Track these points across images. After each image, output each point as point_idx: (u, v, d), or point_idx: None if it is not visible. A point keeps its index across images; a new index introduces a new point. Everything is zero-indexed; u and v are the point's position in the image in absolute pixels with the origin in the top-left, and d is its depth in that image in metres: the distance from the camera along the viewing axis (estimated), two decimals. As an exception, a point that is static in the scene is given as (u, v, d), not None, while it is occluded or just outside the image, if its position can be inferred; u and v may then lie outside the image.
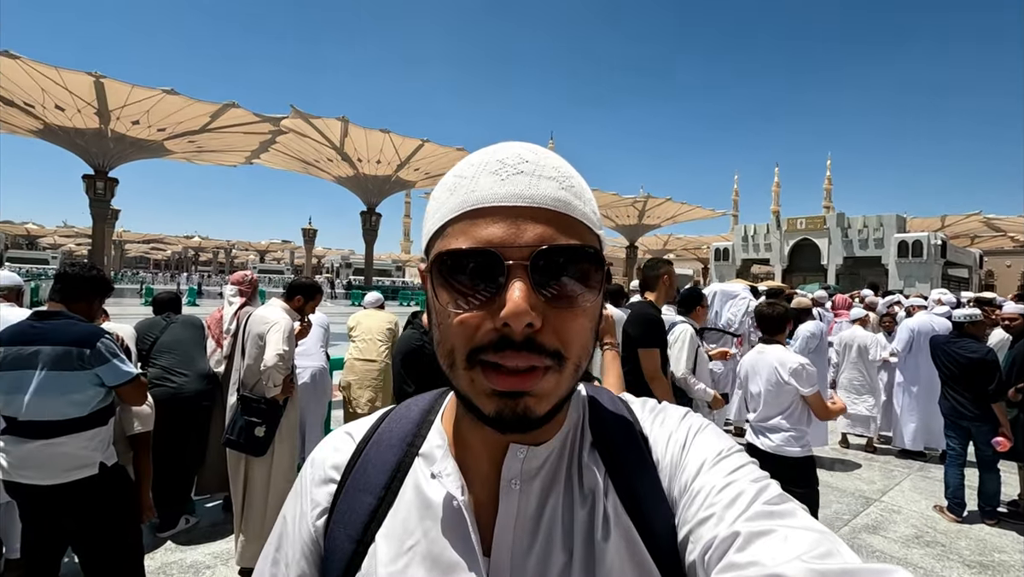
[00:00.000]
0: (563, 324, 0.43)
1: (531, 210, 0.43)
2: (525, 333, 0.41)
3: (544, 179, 0.45)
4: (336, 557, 0.52)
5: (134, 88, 24.15)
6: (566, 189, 0.45)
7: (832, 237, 32.97)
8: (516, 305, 0.40)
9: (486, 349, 0.42)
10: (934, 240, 29.38)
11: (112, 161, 27.91)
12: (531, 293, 0.41)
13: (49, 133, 26.22)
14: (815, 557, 0.36)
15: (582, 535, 0.48)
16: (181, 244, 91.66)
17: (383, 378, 4.61)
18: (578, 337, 0.44)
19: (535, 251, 0.42)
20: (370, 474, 0.54)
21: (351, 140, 32.16)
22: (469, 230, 0.44)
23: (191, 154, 32.88)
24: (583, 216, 0.46)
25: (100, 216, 28.50)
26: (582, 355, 0.45)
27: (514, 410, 0.43)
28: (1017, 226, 48.04)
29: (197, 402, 3.49)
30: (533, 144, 0.49)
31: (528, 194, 0.43)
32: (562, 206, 0.44)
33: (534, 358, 0.42)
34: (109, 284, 2.43)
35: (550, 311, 0.42)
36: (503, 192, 0.43)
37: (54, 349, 2.06)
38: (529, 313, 0.40)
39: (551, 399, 0.44)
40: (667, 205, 44.63)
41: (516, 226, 0.43)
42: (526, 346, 0.41)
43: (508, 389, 0.42)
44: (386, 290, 35.06)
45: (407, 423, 0.58)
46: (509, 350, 0.41)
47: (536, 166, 0.45)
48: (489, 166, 0.45)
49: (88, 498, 2.14)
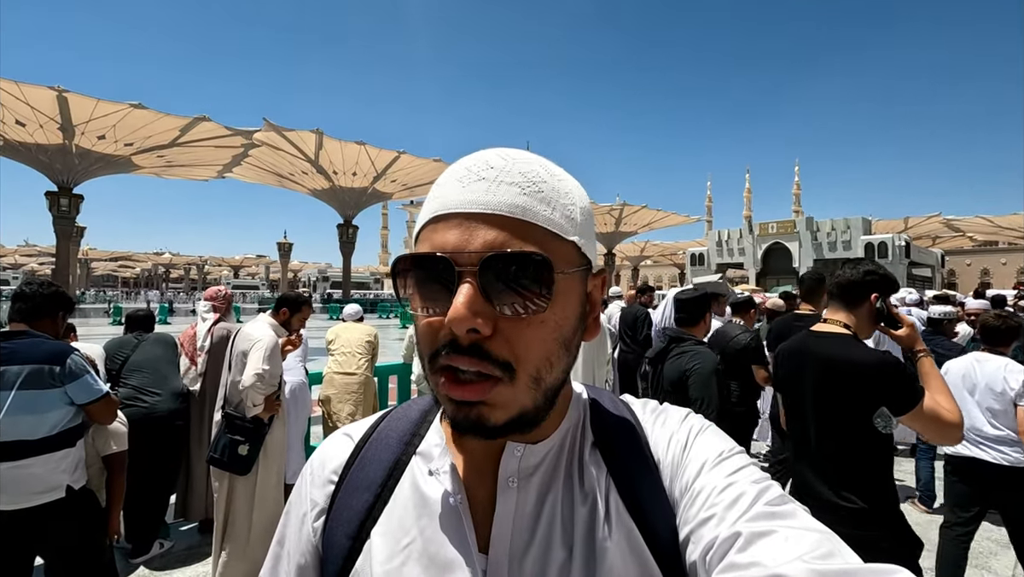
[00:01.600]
0: (516, 333, 0.42)
1: (486, 216, 0.43)
2: (471, 339, 0.41)
3: (504, 184, 0.44)
4: (333, 555, 0.52)
5: (99, 103, 23.57)
6: (530, 195, 0.44)
7: (802, 240, 33.93)
8: (456, 311, 0.40)
9: (441, 352, 0.43)
10: (898, 241, 30.51)
11: (77, 177, 27.10)
12: (477, 299, 0.41)
13: (9, 149, 25.35)
14: (816, 557, 0.36)
15: (583, 533, 0.48)
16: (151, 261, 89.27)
17: (363, 391, 4.56)
18: (533, 347, 0.43)
19: (483, 257, 0.41)
20: (368, 472, 0.54)
21: (326, 152, 31.91)
22: (431, 236, 0.45)
23: (160, 169, 32.14)
24: (547, 222, 0.45)
25: (64, 234, 27.58)
26: (541, 367, 0.44)
27: (467, 416, 0.43)
28: (975, 226, 50.21)
29: (170, 421, 3.41)
30: (517, 151, 0.48)
31: (483, 200, 0.43)
32: (519, 212, 0.43)
33: (481, 364, 0.42)
34: (70, 299, 2.38)
35: (502, 320, 0.42)
36: (461, 199, 0.44)
37: (22, 368, 2.01)
38: (470, 319, 0.40)
39: (507, 410, 0.44)
40: (643, 212, 45.38)
41: (469, 232, 0.43)
42: (472, 352, 0.42)
43: (460, 398, 0.43)
44: (365, 303, 34.66)
45: (406, 422, 0.58)
46: (455, 353, 0.42)
47: (500, 172, 0.45)
48: (456, 173, 0.46)
49: (55, 523, 2.07)
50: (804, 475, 1.99)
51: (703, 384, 2.58)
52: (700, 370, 2.61)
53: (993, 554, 3.53)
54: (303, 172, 34.10)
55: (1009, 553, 3.54)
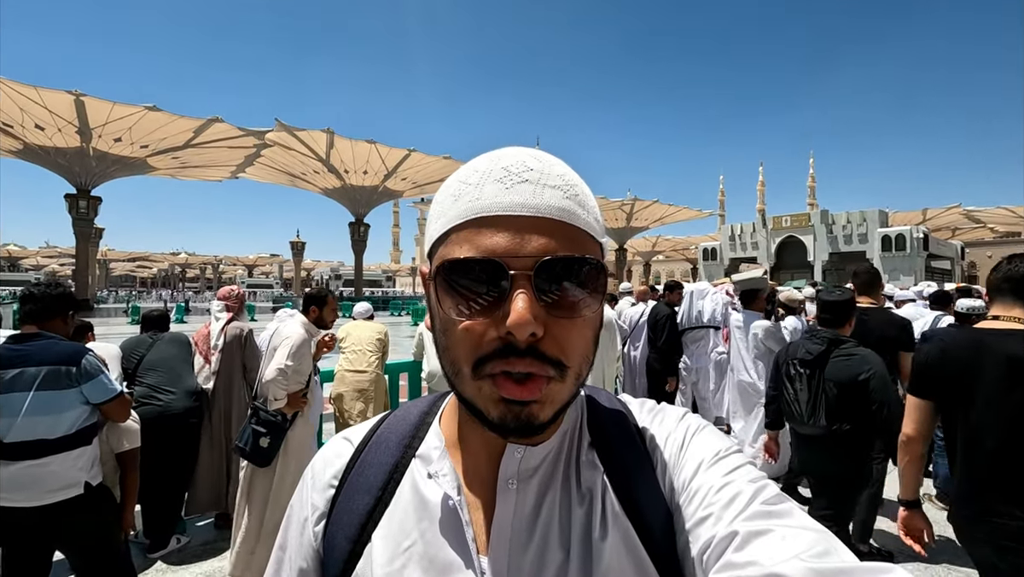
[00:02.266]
0: (564, 333, 0.43)
1: (535, 220, 0.43)
2: (528, 342, 0.42)
3: (548, 188, 0.45)
4: (334, 558, 0.52)
5: (115, 106, 24.00)
6: (570, 198, 0.45)
7: (817, 234, 33.44)
8: (520, 315, 0.40)
9: (491, 358, 0.43)
10: (916, 233, 29.91)
11: (95, 179, 27.65)
12: (534, 303, 0.41)
13: (29, 153, 25.94)
14: (813, 556, 0.37)
15: (580, 534, 0.48)
16: (167, 261, 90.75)
17: (374, 389, 4.60)
18: (579, 346, 0.45)
19: (539, 261, 0.42)
20: (367, 476, 0.55)
21: (337, 152, 32.14)
22: (474, 238, 0.44)
23: (175, 170, 32.67)
24: (586, 225, 0.46)
25: (83, 235, 28.19)
26: (583, 363, 0.46)
27: (518, 416, 0.44)
28: (996, 217, 49.06)
29: (185, 419, 3.46)
30: (537, 150, 0.49)
31: (533, 204, 0.44)
32: (566, 216, 0.44)
33: (536, 365, 0.42)
34: (75, 298, 2.44)
35: (551, 320, 0.43)
36: (507, 201, 0.44)
37: (39, 369, 2.06)
38: (532, 323, 0.41)
39: (554, 406, 0.45)
40: (655, 207, 45.05)
41: (520, 236, 0.43)
42: (529, 353, 0.42)
43: (517, 398, 0.43)
44: (376, 300, 34.91)
45: (405, 425, 0.58)
46: (513, 356, 0.42)
47: (541, 174, 0.45)
48: (494, 173, 0.45)
49: (73, 519, 2.12)
50: (971, 485, 1.78)
51: (885, 386, 2.59)
52: (880, 373, 2.61)
53: (1013, 552, 3.45)
54: (315, 171, 34.41)
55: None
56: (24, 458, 2.02)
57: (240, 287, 4.10)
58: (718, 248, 38.83)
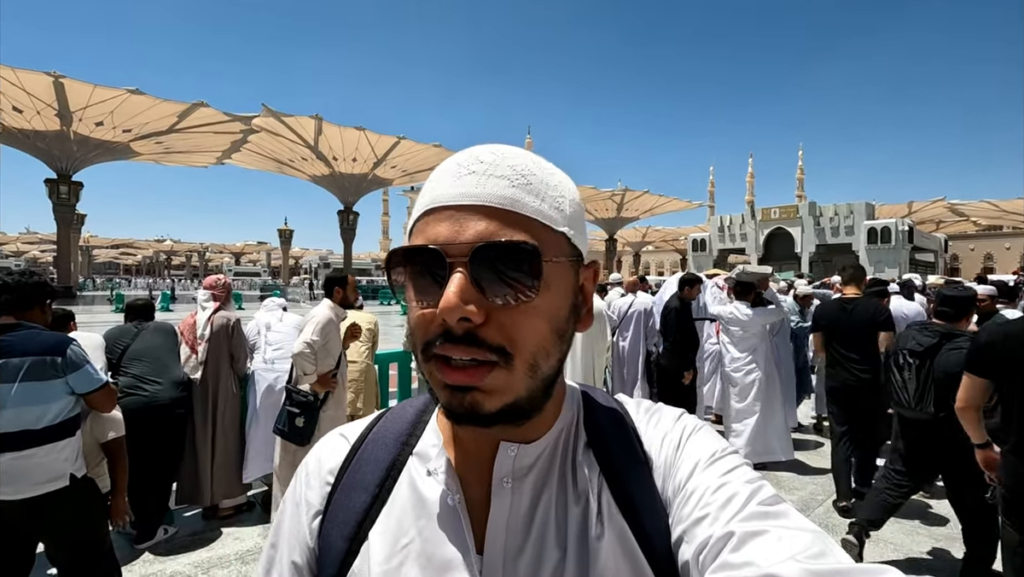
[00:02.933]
0: (509, 321, 0.43)
1: (476, 208, 0.44)
2: (464, 327, 0.42)
3: (494, 178, 0.45)
4: (330, 557, 0.52)
5: (96, 88, 23.39)
6: (519, 187, 0.46)
7: (805, 225, 33.77)
8: (448, 300, 0.41)
9: (434, 342, 0.44)
10: (901, 226, 30.32)
11: (76, 164, 27.02)
12: (468, 288, 0.42)
13: (8, 136, 25.24)
14: (809, 557, 0.37)
15: (576, 534, 0.48)
16: (152, 248, 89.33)
17: (363, 379, 4.57)
18: (527, 335, 0.44)
19: (474, 247, 0.42)
20: (364, 473, 0.54)
21: (326, 138, 31.69)
22: (424, 229, 0.46)
23: (159, 155, 32.01)
24: (536, 213, 0.46)
25: (65, 221, 27.60)
26: (537, 354, 0.45)
27: (462, 403, 0.44)
28: (979, 211, 49.87)
29: (171, 410, 3.42)
30: (506, 146, 0.49)
31: (474, 192, 0.44)
32: (507, 203, 0.45)
33: (475, 352, 0.42)
34: (52, 287, 2.40)
35: (495, 308, 0.43)
36: (452, 192, 0.45)
37: (23, 360, 2.02)
38: (461, 308, 0.41)
39: (502, 396, 0.44)
40: (645, 198, 45.11)
41: (459, 224, 0.44)
42: (466, 340, 0.42)
43: (454, 383, 0.43)
44: (366, 289, 34.66)
45: (402, 423, 0.58)
46: (448, 343, 0.43)
47: (490, 166, 0.46)
48: (448, 169, 0.47)
49: (58, 511, 2.09)
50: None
51: None
52: None
53: (990, 539, 3.55)
54: (303, 158, 33.92)
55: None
56: (9, 449, 1.99)
57: (225, 276, 4.04)
58: (707, 239, 39.07)
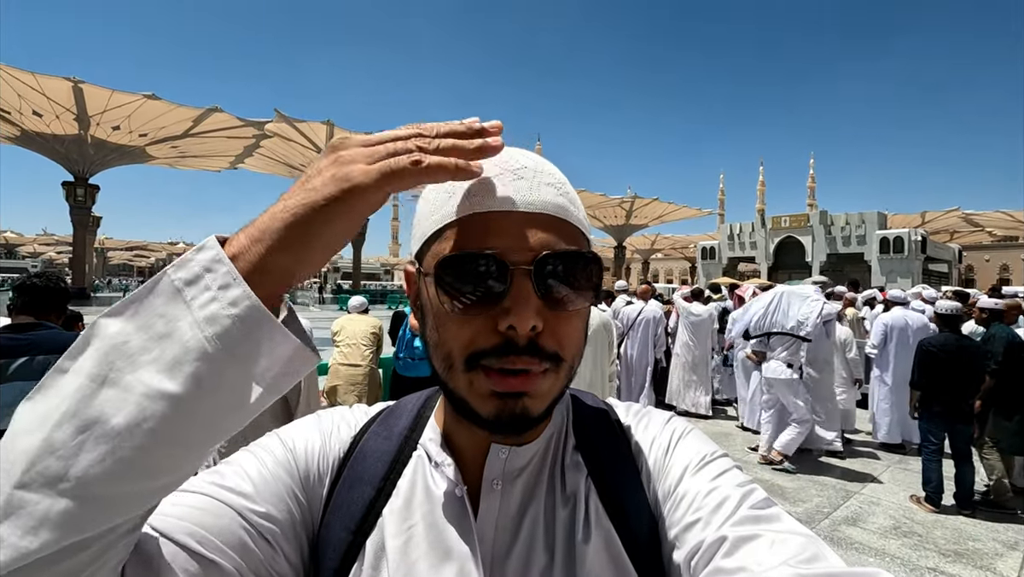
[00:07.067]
0: (560, 327, 0.44)
1: (532, 216, 0.44)
2: (528, 337, 0.42)
3: (543, 185, 0.45)
4: (332, 548, 0.50)
5: (114, 93, 23.82)
6: (563, 195, 0.46)
7: (816, 235, 33.41)
8: (523, 310, 0.41)
9: (488, 353, 0.43)
10: (914, 236, 29.90)
11: (92, 167, 27.48)
12: (535, 297, 0.42)
13: (27, 140, 25.76)
14: (801, 562, 0.37)
15: (563, 536, 0.48)
16: (165, 251, 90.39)
17: (367, 382, 4.61)
18: (573, 339, 0.46)
19: (538, 256, 0.42)
20: (368, 465, 0.53)
21: (337, 144, 31.96)
22: (472, 234, 0.44)
23: (174, 159, 32.50)
24: (578, 222, 0.47)
25: (81, 223, 28.04)
26: (575, 356, 0.46)
27: (512, 411, 0.43)
28: (995, 221, 49.09)
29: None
30: (528, 151, 0.49)
31: (530, 200, 0.44)
32: (561, 212, 0.45)
33: (534, 362, 0.43)
34: (69, 293, 2.45)
35: (549, 314, 0.43)
36: (505, 197, 0.44)
37: (47, 358, 2.03)
38: (534, 317, 0.41)
39: (547, 399, 0.45)
40: (654, 205, 44.95)
41: (519, 231, 0.43)
42: (528, 350, 0.42)
43: (508, 390, 0.43)
44: (375, 293, 34.84)
45: (404, 418, 0.58)
46: (512, 355, 0.42)
47: (535, 172, 0.46)
48: (489, 170, 0.45)
49: None
50: None
51: None
52: None
53: (999, 555, 3.49)
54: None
55: (1015, 554, 3.49)
56: None
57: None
58: (717, 247, 38.78)
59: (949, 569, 3.30)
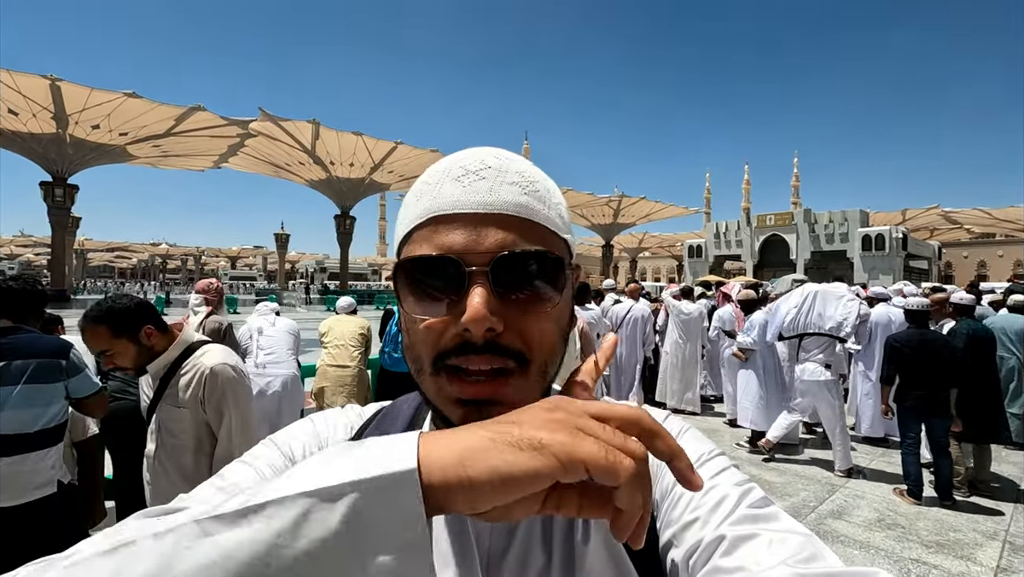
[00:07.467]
0: (525, 326, 0.43)
1: (492, 216, 0.44)
2: (486, 337, 0.42)
3: (506, 185, 0.45)
4: None
5: (93, 91, 23.33)
6: (529, 194, 0.46)
7: (800, 233, 33.89)
8: (475, 311, 0.40)
9: (449, 353, 0.43)
10: (896, 233, 30.47)
11: (71, 167, 26.90)
12: (491, 298, 0.41)
13: (3, 139, 25.11)
14: (800, 561, 0.37)
15: (561, 537, 0.48)
16: (147, 252, 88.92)
17: (356, 384, 4.57)
18: (541, 339, 0.45)
19: (495, 257, 0.42)
20: None
21: (323, 143, 31.67)
22: (432, 237, 0.44)
23: (156, 159, 31.92)
24: (546, 220, 0.46)
25: (60, 224, 27.43)
26: (548, 357, 0.45)
27: (479, 418, 0.42)
28: (972, 219, 50.16)
29: (162, 414, 3.40)
30: (502, 149, 0.49)
31: (489, 200, 0.44)
32: (523, 211, 0.45)
33: (496, 360, 0.42)
34: (48, 297, 2.41)
35: (512, 314, 0.43)
36: (464, 199, 0.44)
37: (27, 362, 2.00)
38: (488, 318, 0.41)
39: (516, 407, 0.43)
40: (641, 204, 45.22)
41: (477, 232, 0.43)
42: (487, 349, 0.42)
43: (473, 397, 0.43)
44: (362, 294, 34.57)
45: (400, 420, 0.58)
46: (471, 354, 0.42)
47: (499, 172, 0.45)
48: (452, 172, 0.46)
49: (45, 517, 2.07)
50: None
51: None
52: None
53: (979, 545, 3.56)
54: (300, 163, 33.86)
55: (994, 544, 3.58)
56: (5, 454, 1.97)
57: (218, 280, 4.04)
58: (703, 245, 39.16)
59: (932, 560, 3.37)
